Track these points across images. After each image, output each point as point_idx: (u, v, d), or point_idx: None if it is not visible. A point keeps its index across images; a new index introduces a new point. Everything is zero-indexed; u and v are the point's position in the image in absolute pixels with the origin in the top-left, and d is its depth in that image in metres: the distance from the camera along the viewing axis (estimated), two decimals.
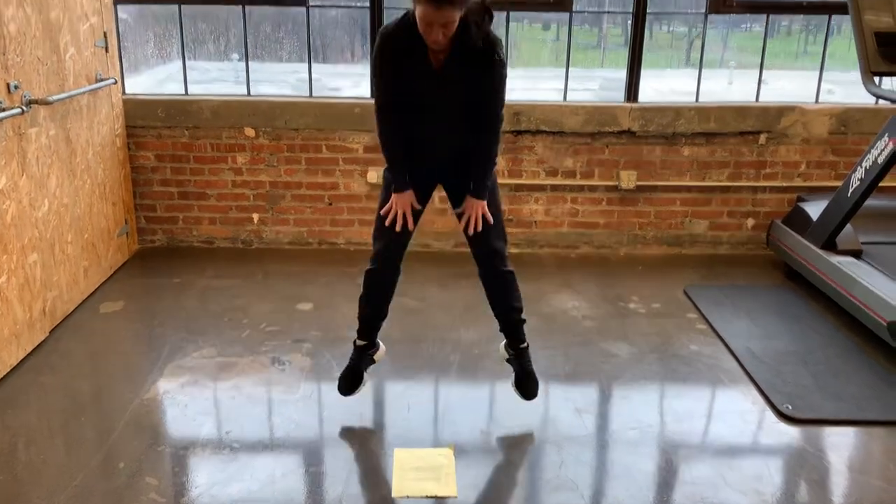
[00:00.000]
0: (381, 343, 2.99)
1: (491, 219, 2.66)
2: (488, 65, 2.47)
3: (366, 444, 2.74)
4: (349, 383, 2.87)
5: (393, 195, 2.67)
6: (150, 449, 2.64)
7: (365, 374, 2.92)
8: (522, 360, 2.89)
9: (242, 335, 3.50)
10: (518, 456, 2.67)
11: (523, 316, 2.86)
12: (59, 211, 3.54)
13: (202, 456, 2.61)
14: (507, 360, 2.94)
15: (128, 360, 3.28)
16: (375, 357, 2.97)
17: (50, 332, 3.46)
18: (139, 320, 3.68)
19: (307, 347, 3.39)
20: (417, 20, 2.36)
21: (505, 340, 2.93)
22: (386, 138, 2.65)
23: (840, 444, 2.78)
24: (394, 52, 2.48)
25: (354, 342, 2.91)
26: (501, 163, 4.48)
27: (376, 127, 2.66)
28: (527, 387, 2.87)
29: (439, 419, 2.89)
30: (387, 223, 2.68)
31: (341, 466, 2.59)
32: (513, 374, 2.91)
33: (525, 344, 2.89)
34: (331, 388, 3.05)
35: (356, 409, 2.92)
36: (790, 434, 2.81)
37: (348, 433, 2.78)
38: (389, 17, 4.55)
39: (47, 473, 2.50)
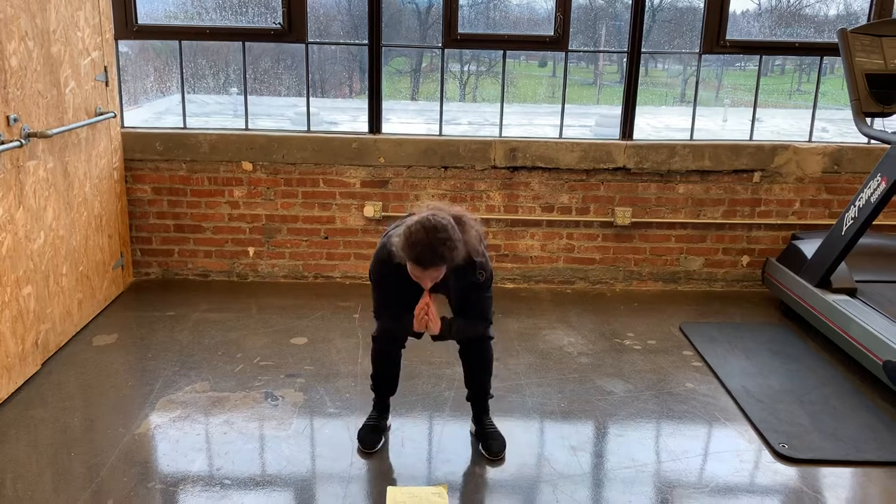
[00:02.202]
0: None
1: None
2: (473, 284, 2.65)
3: (358, 481, 2.71)
4: (371, 440, 2.90)
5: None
6: (140, 485, 2.61)
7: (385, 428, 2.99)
8: (486, 428, 2.93)
9: (236, 369, 3.48)
10: (512, 494, 2.64)
11: (491, 392, 2.97)
12: (54, 243, 3.54)
13: (192, 493, 2.58)
14: (473, 433, 2.99)
15: (120, 393, 3.25)
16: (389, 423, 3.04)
17: (42, 365, 3.43)
18: (132, 353, 3.66)
19: (300, 382, 3.37)
20: (408, 266, 2.47)
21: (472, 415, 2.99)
22: (377, 370, 2.87)
23: (837, 484, 2.76)
24: (388, 275, 2.62)
25: (373, 406, 2.99)
26: (498, 198, 4.51)
27: (373, 351, 2.86)
28: (490, 447, 2.88)
29: (433, 456, 2.86)
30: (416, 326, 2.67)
31: None
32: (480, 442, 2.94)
33: (489, 417, 2.97)
34: (324, 424, 3.03)
35: (349, 445, 2.89)
36: (786, 474, 2.79)
37: (341, 470, 2.75)
38: (388, 54, 4.62)
39: None
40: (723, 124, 6.16)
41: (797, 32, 4.98)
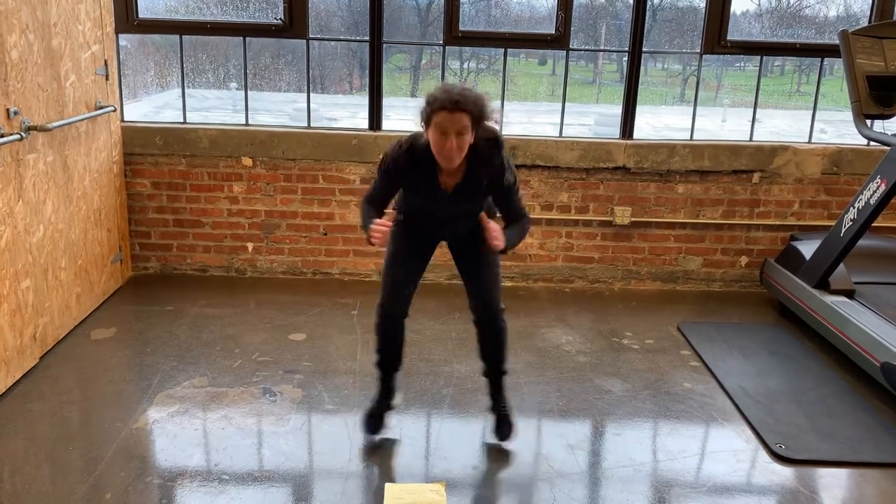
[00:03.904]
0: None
1: (499, 241, 2.57)
2: (500, 186, 2.58)
3: (356, 477, 2.71)
4: (373, 424, 2.93)
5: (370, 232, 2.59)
6: (138, 480, 2.61)
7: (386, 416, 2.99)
8: (501, 406, 2.97)
9: (234, 365, 3.48)
10: (510, 492, 2.65)
11: (506, 369, 2.97)
12: (53, 237, 3.53)
13: (190, 488, 2.58)
14: (490, 409, 3.01)
15: (118, 388, 3.25)
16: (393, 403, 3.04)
17: (40, 359, 3.43)
18: (130, 348, 3.65)
19: (299, 379, 3.37)
20: (432, 139, 2.44)
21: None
22: (364, 213, 2.74)
23: (833, 485, 2.77)
24: (400, 173, 2.60)
25: (377, 388, 2.99)
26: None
27: (360, 205, 2.80)
28: (499, 430, 2.93)
29: (431, 454, 2.86)
30: (371, 239, 2.58)
31: (331, 500, 2.56)
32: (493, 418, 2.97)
33: (505, 394, 2.99)
34: (322, 420, 3.03)
35: (347, 442, 2.89)
36: (783, 474, 2.80)
37: (339, 466, 2.75)
38: (388, 50, 4.61)
39: (32, 503, 2.47)
40: (722, 124, 6.18)
41: (798, 33, 5.00)
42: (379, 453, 2.85)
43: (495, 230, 2.51)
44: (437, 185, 2.58)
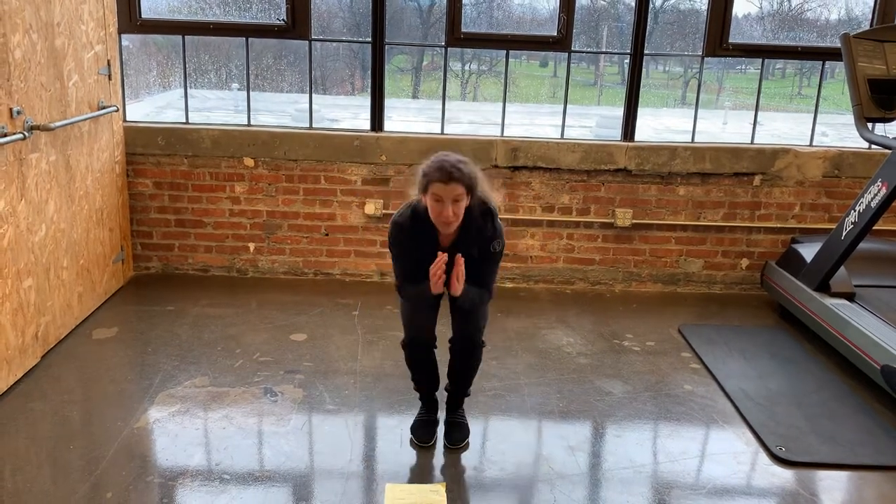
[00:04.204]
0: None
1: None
2: (488, 252, 2.70)
3: (357, 478, 2.71)
4: (427, 432, 2.95)
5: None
6: (139, 479, 2.61)
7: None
8: (457, 419, 3.01)
9: (235, 365, 3.48)
10: (510, 493, 2.65)
11: (469, 392, 3.02)
12: (55, 236, 3.54)
13: (191, 487, 2.59)
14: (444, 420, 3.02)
15: (119, 387, 3.26)
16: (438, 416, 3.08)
17: (42, 358, 3.44)
18: (132, 347, 3.66)
19: (300, 379, 3.37)
20: (429, 205, 2.58)
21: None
22: (409, 302, 2.83)
23: (833, 487, 2.77)
24: (407, 239, 2.69)
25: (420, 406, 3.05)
26: (498, 198, 4.50)
27: (400, 299, 2.86)
28: (450, 435, 2.95)
29: (432, 454, 2.87)
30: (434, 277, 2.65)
31: (332, 500, 2.56)
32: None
33: (461, 411, 3.04)
34: (322, 420, 3.03)
35: (347, 442, 2.90)
36: (783, 476, 2.80)
37: (339, 467, 2.76)
38: (390, 52, 4.62)
39: (33, 502, 2.47)
40: (723, 127, 6.18)
41: (799, 36, 5.00)
42: (380, 454, 2.85)
43: (462, 274, 2.62)
44: (436, 244, 2.69)
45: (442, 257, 2.59)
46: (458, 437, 2.92)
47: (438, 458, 2.83)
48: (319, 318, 4.05)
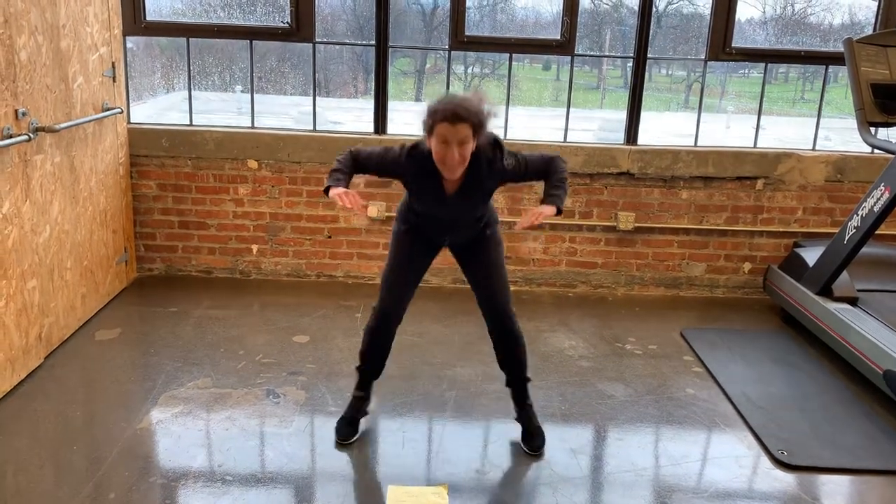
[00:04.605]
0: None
1: (549, 212, 2.60)
2: (516, 175, 2.67)
3: (359, 479, 2.72)
4: (348, 432, 2.93)
5: (332, 190, 2.59)
6: (142, 480, 2.62)
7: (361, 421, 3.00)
8: (528, 415, 2.97)
9: (238, 366, 3.49)
10: (512, 496, 2.65)
11: (529, 375, 2.97)
12: (59, 237, 3.55)
13: (194, 488, 2.59)
14: (516, 419, 2.99)
15: (122, 388, 3.27)
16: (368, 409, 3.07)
17: (45, 359, 3.44)
18: (135, 348, 3.67)
19: (302, 381, 3.38)
20: (434, 149, 2.46)
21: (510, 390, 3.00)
22: (340, 166, 2.67)
23: (836, 492, 2.77)
24: (399, 174, 2.64)
25: (353, 393, 2.99)
26: (501, 201, 4.52)
27: (340, 156, 2.70)
28: (531, 442, 2.91)
29: (434, 457, 2.87)
30: (347, 207, 2.57)
31: (334, 502, 2.57)
32: (520, 429, 2.97)
33: (530, 401, 2.99)
34: (325, 423, 3.04)
35: (350, 444, 2.90)
36: (785, 481, 2.80)
37: (341, 468, 2.76)
38: (393, 55, 4.63)
39: (36, 502, 2.48)
40: (726, 131, 6.19)
41: (802, 41, 5.01)
42: (381, 456, 2.86)
43: (535, 215, 2.53)
44: (441, 190, 2.61)
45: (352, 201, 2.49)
46: (537, 443, 2.90)
47: (440, 460, 2.84)
48: (322, 321, 4.05)
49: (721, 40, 4.43)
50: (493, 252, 2.81)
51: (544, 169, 2.71)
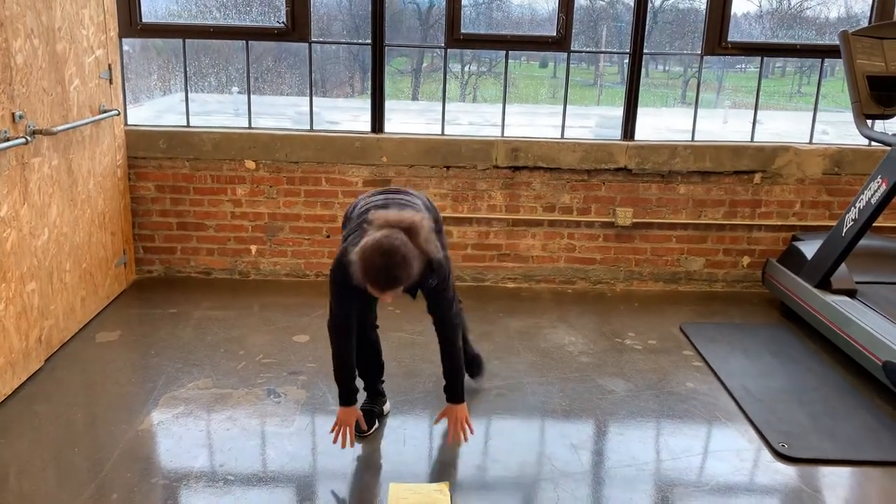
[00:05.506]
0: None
1: (470, 430, 2.82)
2: (431, 289, 2.63)
3: (361, 477, 2.72)
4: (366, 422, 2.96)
5: (339, 410, 2.77)
6: (144, 481, 2.62)
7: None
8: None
9: (238, 367, 3.49)
10: (513, 492, 2.66)
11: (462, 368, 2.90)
12: (58, 240, 3.55)
13: (195, 489, 2.60)
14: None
15: (123, 390, 3.27)
16: (384, 408, 3.11)
17: (45, 361, 3.45)
18: (135, 350, 3.67)
19: (303, 380, 3.38)
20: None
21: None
22: (339, 358, 2.76)
23: (836, 484, 2.78)
24: (349, 284, 2.50)
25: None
26: (499, 198, 4.52)
27: (330, 341, 2.75)
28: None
29: (435, 454, 2.88)
30: (333, 441, 2.75)
31: (336, 500, 2.57)
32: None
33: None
34: (326, 421, 3.04)
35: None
36: (786, 473, 2.81)
37: (343, 467, 2.77)
38: (389, 53, 4.63)
39: None
40: (723, 126, 6.19)
41: (798, 34, 5.01)
42: (383, 453, 2.86)
43: (460, 427, 2.79)
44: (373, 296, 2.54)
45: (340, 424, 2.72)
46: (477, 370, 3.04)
47: (442, 457, 2.84)
48: (322, 320, 4.02)
49: (717, 35, 4.43)
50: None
51: (439, 314, 2.70)
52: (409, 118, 5.79)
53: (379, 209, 2.58)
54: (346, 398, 2.77)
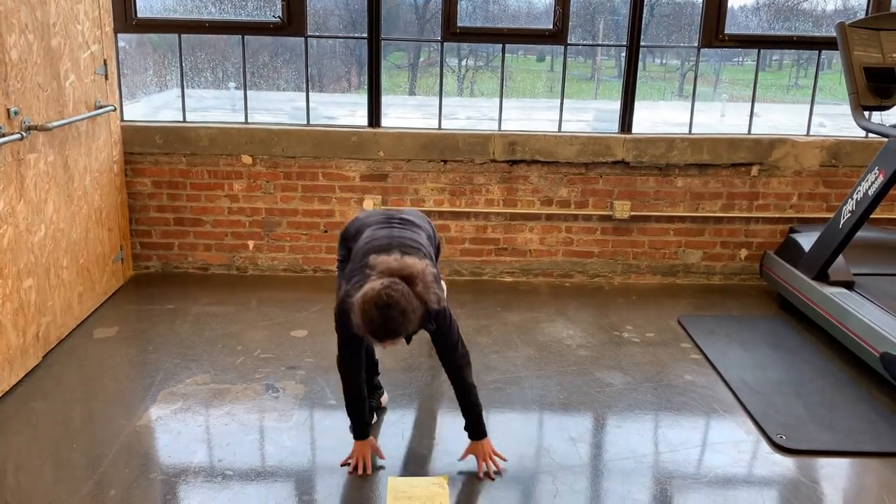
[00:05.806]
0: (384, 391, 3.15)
1: (503, 463, 2.76)
2: (433, 332, 2.60)
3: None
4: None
5: (354, 444, 2.74)
6: (142, 476, 2.62)
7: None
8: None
9: (236, 362, 3.49)
10: (512, 485, 2.66)
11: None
12: (55, 236, 3.54)
13: (194, 484, 2.60)
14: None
15: (121, 385, 3.27)
16: (382, 401, 3.11)
17: (43, 358, 3.44)
18: (133, 346, 3.67)
19: (301, 375, 3.38)
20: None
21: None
22: (351, 393, 2.71)
23: (834, 475, 2.78)
24: (351, 328, 2.47)
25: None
26: (497, 192, 4.52)
27: (341, 377, 2.71)
28: None
29: (433, 448, 2.88)
30: (349, 471, 2.71)
31: (334, 495, 2.57)
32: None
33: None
34: (324, 416, 3.04)
35: (349, 437, 2.89)
36: (784, 464, 2.81)
37: (341, 461, 2.76)
38: (386, 48, 4.62)
39: (37, 501, 2.48)
40: (721, 119, 6.18)
41: (795, 27, 5.00)
42: (382, 448, 2.86)
43: (486, 460, 2.72)
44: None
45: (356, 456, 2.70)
46: None
47: (440, 451, 2.84)
48: (320, 315, 4.05)
49: (714, 27, 4.42)
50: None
51: (443, 354, 2.67)
52: (406, 113, 5.78)
53: (382, 252, 2.53)
54: (361, 432, 2.74)
